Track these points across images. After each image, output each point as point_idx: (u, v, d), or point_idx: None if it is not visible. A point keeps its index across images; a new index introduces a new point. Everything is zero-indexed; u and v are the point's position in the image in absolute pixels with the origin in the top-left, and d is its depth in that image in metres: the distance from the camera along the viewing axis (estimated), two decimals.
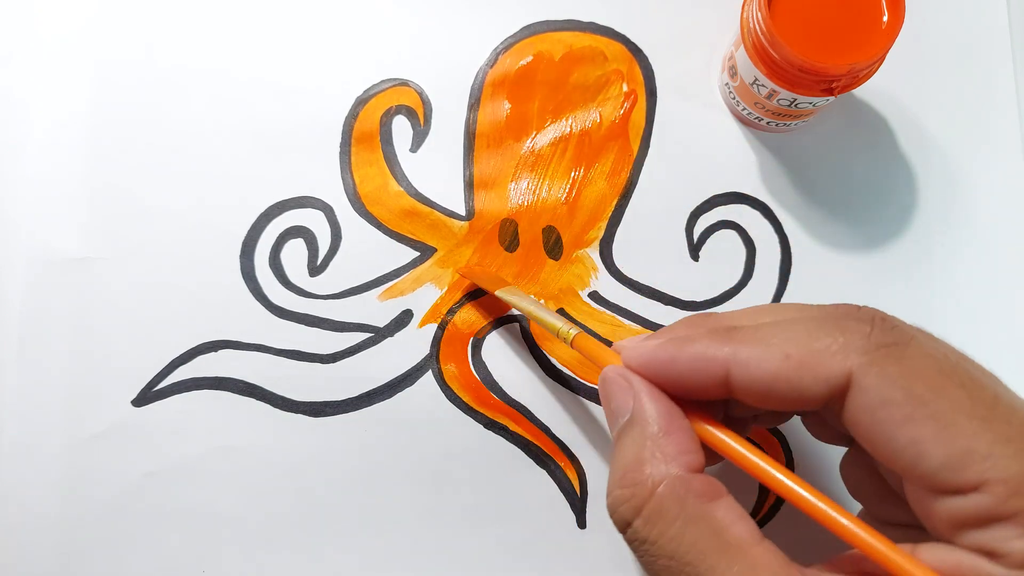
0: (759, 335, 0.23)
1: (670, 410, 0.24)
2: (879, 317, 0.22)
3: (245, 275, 0.36)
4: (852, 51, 0.31)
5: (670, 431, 0.23)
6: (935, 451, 0.20)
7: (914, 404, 0.20)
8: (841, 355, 0.21)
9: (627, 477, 0.23)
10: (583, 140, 0.37)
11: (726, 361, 0.23)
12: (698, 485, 0.22)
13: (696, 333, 0.24)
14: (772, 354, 0.22)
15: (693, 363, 0.23)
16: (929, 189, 0.37)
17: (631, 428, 0.24)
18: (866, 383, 0.21)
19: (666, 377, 0.24)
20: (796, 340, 0.22)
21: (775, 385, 0.22)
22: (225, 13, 0.37)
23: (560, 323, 0.29)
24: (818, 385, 0.21)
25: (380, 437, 0.35)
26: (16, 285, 0.35)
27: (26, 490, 0.34)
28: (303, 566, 0.34)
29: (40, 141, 0.36)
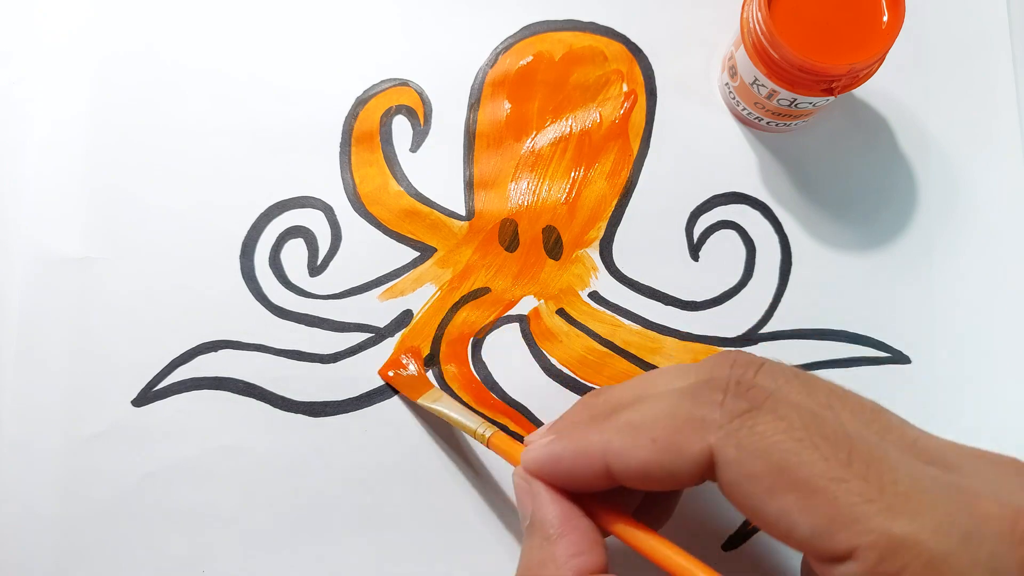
0: (629, 419, 0.23)
1: (566, 512, 0.24)
2: (734, 381, 0.22)
3: (245, 275, 0.36)
4: (852, 51, 0.31)
5: (564, 533, 0.24)
6: (802, 521, 0.19)
7: (774, 475, 0.20)
8: (698, 432, 0.21)
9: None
10: (583, 140, 0.37)
11: (601, 453, 0.23)
12: None
13: (578, 422, 0.25)
14: (640, 441, 0.22)
15: (575, 460, 0.24)
16: (929, 189, 0.37)
17: (531, 532, 0.25)
18: (726, 458, 0.21)
19: (556, 476, 0.25)
20: (659, 422, 0.22)
21: (648, 470, 0.22)
22: (225, 13, 0.37)
23: (476, 424, 0.30)
24: (686, 465, 0.22)
25: (380, 437, 0.35)
26: (16, 285, 0.35)
27: (25, 490, 0.34)
28: (303, 566, 0.34)
29: (40, 141, 0.36)
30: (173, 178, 0.36)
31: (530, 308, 0.36)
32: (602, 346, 0.36)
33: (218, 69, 0.37)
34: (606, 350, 0.36)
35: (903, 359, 0.36)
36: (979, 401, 0.35)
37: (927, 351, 0.36)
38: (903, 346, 0.36)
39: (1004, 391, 0.36)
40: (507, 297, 0.36)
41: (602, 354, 0.35)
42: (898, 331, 0.36)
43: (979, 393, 0.35)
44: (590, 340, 0.36)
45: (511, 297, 0.36)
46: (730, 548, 0.34)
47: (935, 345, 0.36)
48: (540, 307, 0.36)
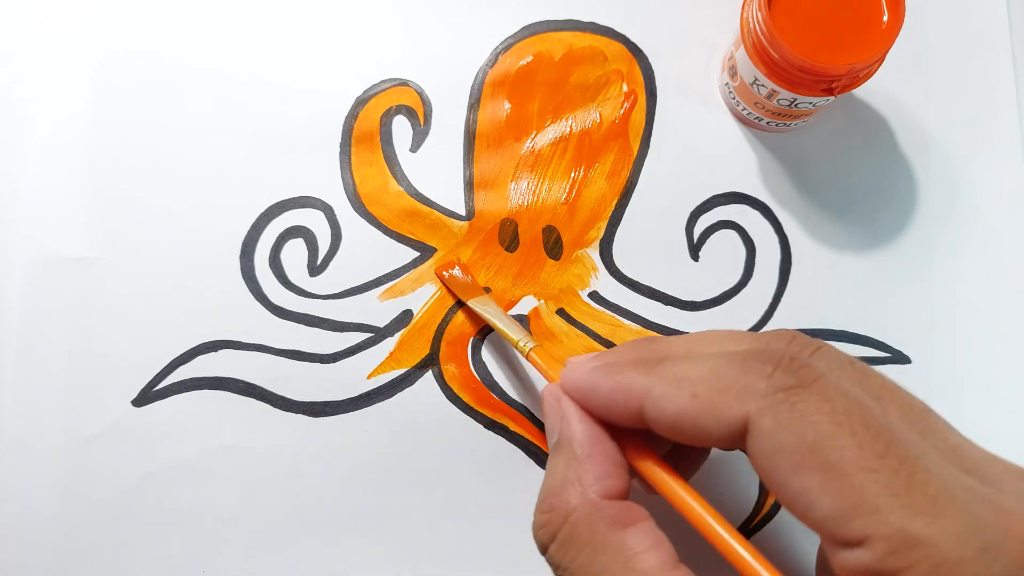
0: (675, 371, 0.23)
1: (594, 434, 0.24)
2: (788, 356, 0.22)
3: (245, 275, 0.36)
4: (852, 51, 0.31)
5: (592, 455, 0.24)
6: (822, 502, 0.19)
7: (804, 452, 0.20)
8: (740, 398, 0.21)
9: (546, 502, 0.24)
10: (583, 140, 0.37)
11: (641, 395, 0.23)
12: (611, 512, 0.23)
13: (625, 361, 0.24)
14: (681, 392, 0.22)
15: (613, 393, 0.24)
16: (929, 189, 0.37)
17: (557, 451, 0.25)
18: (760, 428, 0.21)
19: (591, 403, 0.25)
20: (704, 379, 0.22)
21: (682, 423, 0.22)
22: (225, 13, 0.37)
23: (519, 336, 0.31)
24: (720, 427, 0.22)
25: (380, 437, 0.35)
26: (16, 285, 0.35)
27: (25, 490, 0.34)
28: (303, 566, 0.34)
29: (40, 141, 0.36)
30: (173, 178, 0.36)
31: (530, 308, 0.36)
32: (602, 346, 0.36)
33: (218, 69, 0.37)
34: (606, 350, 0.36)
35: (903, 359, 0.36)
36: (979, 401, 0.35)
37: (927, 351, 0.36)
38: (903, 346, 0.36)
39: (1004, 391, 0.36)
40: (507, 297, 0.36)
41: None
42: (898, 331, 0.36)
43: (979, 393, 0.35)
44: (590, 340, 0.36)
45: (511, 297, 0.36)
46: None
47: (935, 345, 0.36)
48: (540, 307, 0.36)
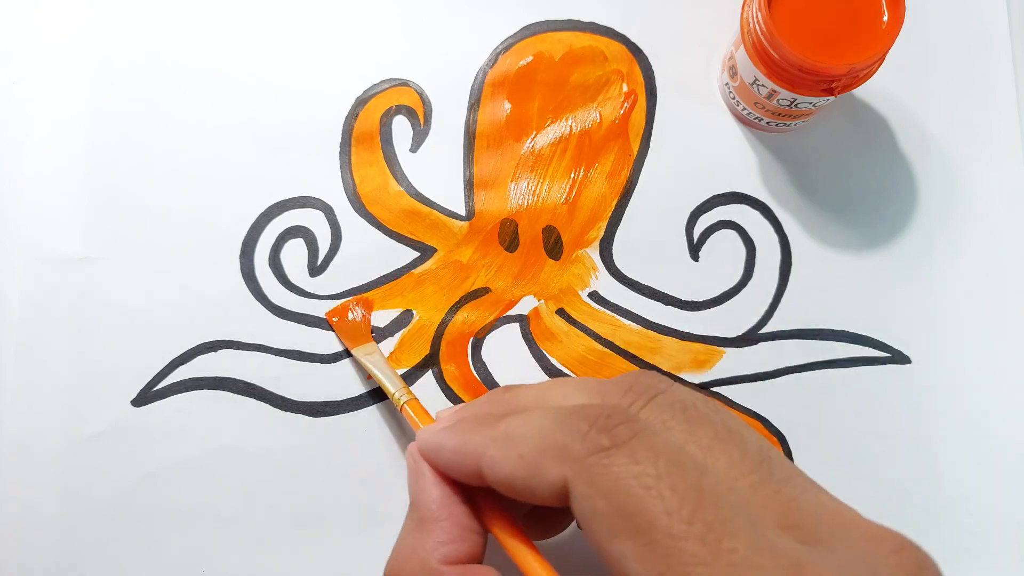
0: (507, 430, 0.23)
1: (444, 497, 0.25)
2: (606, 414, 0.22)
3: (245, 275, 0.36)
4: (852, 51, 0.31)
5: (438, 519, 0.25)
6: (636, 568, 0.19)
7: (618, 518, 0.20)
8: (557, 460, 0.21)
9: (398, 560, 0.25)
10: (583, 140, 0.37)
11: (477, 456, 0.24)
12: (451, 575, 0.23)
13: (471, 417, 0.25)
14: (509, 454, 0.23)
15: (455, 454, 0.25)
16: (929, 189, 0.37)
17: (409, 512, 0.26)
18: (577, 492, 0.21)
19: (439, 464, 0.25)
20: (529, 439, 0.22)
21: (513, 484, 0.23)
22: (225, 13, 0.37)
23: (395, 388, 0.32)
24: (545, 489, 0.22)
25: (380, 437, 0.35)
26: (16, 285, 0.35)
27: (25, 490, 0.34)
28: (303, 566, 0.34)
29: (40, 141, 0.36)
30: (173, 178, 0.36)
31: (530, 308, 0.36)
32: (602, 346, 0.36)
33: (218, 69, 0.37)
34: (606, 350, 0.36)
35: (903, 359, 0.36)
36: (979, 401, 0.35)
37: (927, 351, 0.36)
38: (903, 346, 0.36)
39: (1004, 391, 0.36)
40: (507, 297, 0.36)
41: (602, 354, 0.35)
42: (898, 331, 0.36)
43: (979, 393, 0.35)
44: (590, 340, 0.36)
45: (511, 297, 0.36)
46: None
47: (935, 345, 0.36)
48: (540, 307, 0.36)
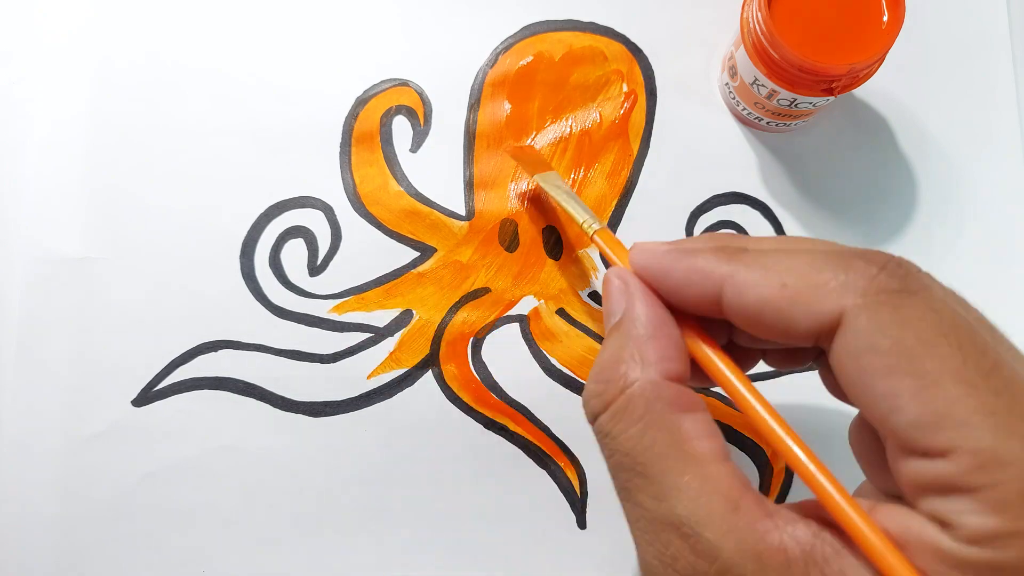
0: (762, 260, 0.22)
1: (660, 316, 0.23)
2: (894, 262, 0.21)
3: (245, 275, 0.36)
4: (852, 51, 0.31)
5: (655, 336, 0.23)
6: (910, 407, 0.19)
7: (900, 355, 0.19)
8: (837, 293, 0.20)
9: (603, 373, 0.23)
10: (583, 140, 0.37)
11: (721, 279, 0.22)
12: (670, 393, 0.22)
13: (704, 247, 0.23)
14: (769, 281, 0.21)
15: (689, 275, 0.23)
16: (929, 189, 0.37)
17: (618, 328, 0.24)
18: (856, 326, 0.20)
19: (663, 285, 0.24)
20: (797, 271, 0.21)
21: (764, 312, 0.21)
22: (225, 13, 0.37)
23: (584, 216, 0.30)
24: (807, 319, 0.21)
25: (380, 437, 0.35)
26: (16, 285, 0.35)
27: (26, 490, 0.34)
28: (303, 566, 0.34)
29: (40, 141, 0.36)
30: (173, 178, 0.36)
31: (530, 308, 0.36)
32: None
33: (218, 69, 0.37)
34: None
35: None
36: None
37: None
38: None
39: None
40: (507, 297, 0.36)
41: None
42: None
43: None
44: (590, 340, 0.36)
45: (511, 297, 0.36)
46: None
47: None
48: (540, 307, 0.36)
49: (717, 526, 0.20)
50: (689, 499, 0.20)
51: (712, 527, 0.20)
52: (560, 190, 0.32)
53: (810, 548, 0.19)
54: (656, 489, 0.21)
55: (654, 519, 0.21)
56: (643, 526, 0.21)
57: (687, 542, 0.20)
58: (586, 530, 0.35)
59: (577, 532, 0.35)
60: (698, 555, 0.20)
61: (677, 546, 0.20)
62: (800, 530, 0.20)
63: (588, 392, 0.23)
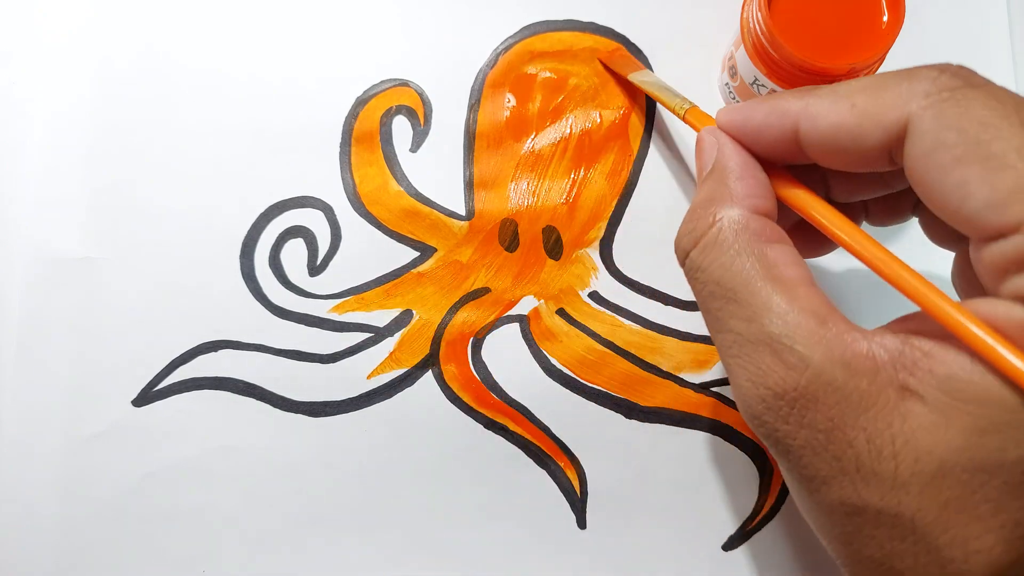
0: (833, 88, 0.23)
1: (747, 160, 0.25)
2: (955, 65, 0.21)
3: (245, 275, 0.36)
4: (852, 51, 0.31)
5: (742, 177, 0.24)
6: (980, 191, 0.19)
7: (966, 144, 0.19)
8: (903, 100, 0.21)
9: (695, 212, 0.24)
10: (583, 140, 0.37)
11: (796, 115, 0.23)
12: (758, 225, 0.23)
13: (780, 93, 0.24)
14: (839, 105, 0.22)
15: (768, 117, 0.24)
16: None
17: (709, 175, 0.25)
18: (921, 127, 0.20)
19: (747, 133, 0.25)
20: (865, 89, 0.22)
21: (838, 136, 0.22)
22: (225, 13, 0.37)
23: (676, 101, 0.31)
24: (877, 132, 0.21)
25: (380, 437, 0.35)
26: (16, 285, 0.35)
27: (26, 490, 0.34)
28: (303, 566, 0.34)
29: (40, 141, 0.36)
30: (173, 178, 0.36)
31: (530, 308, 0.36)
32: (602, 346, 0.36)
33: (218, 69, 0.37)
34: (606, 350, 0.36)
35: None
36: None
37: None
38: None
39: None
40: (507, 297, 0.36)
41: (602, 354, 0.35)
42: None
43: None
44: (590, 340, 0.36)
45: (511, 297, 0.36)
46: (730, 548, 0.34)
47: None
48: (540, 307, 0.36)
49: (806, 339, 0.21)
50: (778, 316, 0.21)
51: (801, 340, 0.21)
52: (652, 83, 0.33)
53: (898, 354, 0.20)
54: (747, 311, 0.22)
55: (746, 341, 0.22)
56: (735, 351, 0.22)
57: (779, 357, 0.21)
58: (586, 530, 0.35)
59: (577, 532, 0.35)
60: (789, 368, 0.21)
61: (768, 363, 0.21)
62: (888, 339, 0.21)
63: (680, 232, 0.25)
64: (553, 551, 0.34)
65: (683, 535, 0.34)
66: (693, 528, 0.34)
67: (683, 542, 0.34)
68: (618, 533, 0.34)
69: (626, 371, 0.35)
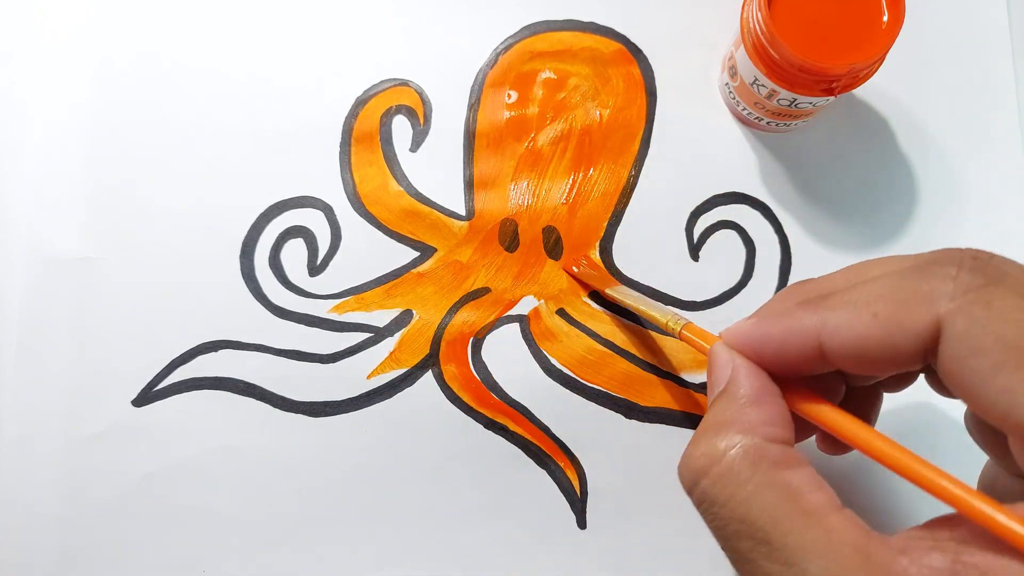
0: (848, 298, 0.22)
1: (763, 384, 0.24)
2: (968, 256, 0.21)
3: (245, 275, 0.36)
4: (852, 51, 0.31)
5: (758, 402, 0.23)
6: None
7: (1004, 350, 0.19)
8: (927, 304, 0.20)
9: (704, 437, 0.23)
10: (583, 140, 0.37)
11: (816, 330, 0.22)
12: (776, 453, 0.22)
13: (788, 306, 0.23)
14: (860, 316, 0.21)
15: (786, 337, 0.23)
16: (929, 189, 0.37)
17: (722, 396, 0.24)
18: (954, 331, 0.20)
19: (763, 353, 0.24)
20: (883, 296, 0.21)
21: (867, 347, 0.21)
22: (225, 13, 0.37)
23: (668, 315, 0.30)
24: (908, 340, 0.21)
25: (380, 437, 0.35)
26: (16, 285, 0.35)
27: (26, 490, 0.34)
28: (303, 566, 0.34)
29: (40, 141, 0.36)
30: (173, 178, 0.36)
31: (530, 308, 0.36)
32: (602, 346, 0.36)
33: (218, 69, 0.37)
34: (606, 350, 0.36)
35: None
36: None
37: None
38: None
39: None
40: (507, 297, 0.36)
41: (602, 354, 0.35)
42: None
43: None
44: (590, 340, 0.36)
45: (511, 297, 0.36)
46: None
47: None
48: (540, 307, 0.36)
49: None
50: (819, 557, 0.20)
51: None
52: (634, 298, 0.33)
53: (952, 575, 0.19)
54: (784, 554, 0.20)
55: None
56: None
57: None
58: (586, 530, 0.35)
59: (577, 532, 0.35)
60: None
61: None
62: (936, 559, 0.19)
63: (688, 458, 0.23)
64: (553, 551, 0.34)
65: (683, 535, 0.34)
66: (693, 528, 0.34)
67: (683, 542, 0.34)
68: (618, 533, 0.34)
69: (626, 371, 0.35)
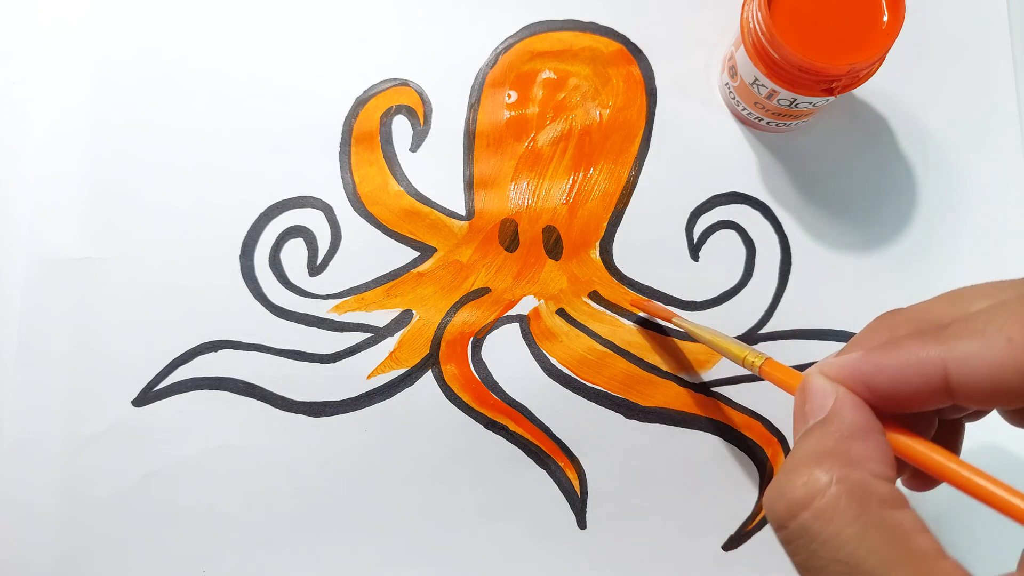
0: (973, 325, 0.20)
1: (868, 419, 0.22)
2: None
3: (245, 275, 0.36)
4: (852, 51, 0.31)
5: (864, 437, 0.21)
6: None
7: None
8: None
9: (802, 467, 0.21)
10: (583, 140, 0.37)
11: (942, 361, 0.20)
12: (883, 491, 0.20)
13: (900, 337, 0.22)
14: (992, 342, 0.20)
15: (904, 369, 0.21)
16: (929, 189, 0.37)
17: (819, 427, 0.22)
18: None
19: (874, 389, 0.22)
20: (1017, 320, 0.19)
21: (1002, 376, 0.20)
22: (225, 13, 0.37)
23: (746, 351, 0.28)
24: None
25: (380, 437, 0.35)
26: (16, 285, 0.35)
27: (26, 490, 0.34)
28: (303, 566, 0.34)
29: (40, 141, 0.36)
30: (173, 178, 0.36)
31: (530, 308, 0.36)
32: (602, 346, 0.36)
33: (218, 69, 0.37)
34: (606, 350, 0.36)
35: None
36: None
37: None
38: None
39: None
40: (507, 297, 0.36)
41: (602, 354, 0.35)
42: None
43: None
44: (590, 340, 0.36)
45: (511, 297, 0.36)
46: (730, 548, 0.34)
47: None
48: (540, 307, 0.36)
49: None
50: None
51: None
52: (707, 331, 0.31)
53: None
54: None
55: None
56: None
57: None
58: (586, 530, 0.35)
59: (577, 532, 0.35)
60: None
61: None
62: None
63: (783, 487, 0.21)
64: (553, 551, 0.34)
65: (683, 535, 0.35)
66: (693, 528, 0.34)
67: (683, 542, 0.35)
68: (618, 533, 0.34)
69: (626, 371, 0.35)
